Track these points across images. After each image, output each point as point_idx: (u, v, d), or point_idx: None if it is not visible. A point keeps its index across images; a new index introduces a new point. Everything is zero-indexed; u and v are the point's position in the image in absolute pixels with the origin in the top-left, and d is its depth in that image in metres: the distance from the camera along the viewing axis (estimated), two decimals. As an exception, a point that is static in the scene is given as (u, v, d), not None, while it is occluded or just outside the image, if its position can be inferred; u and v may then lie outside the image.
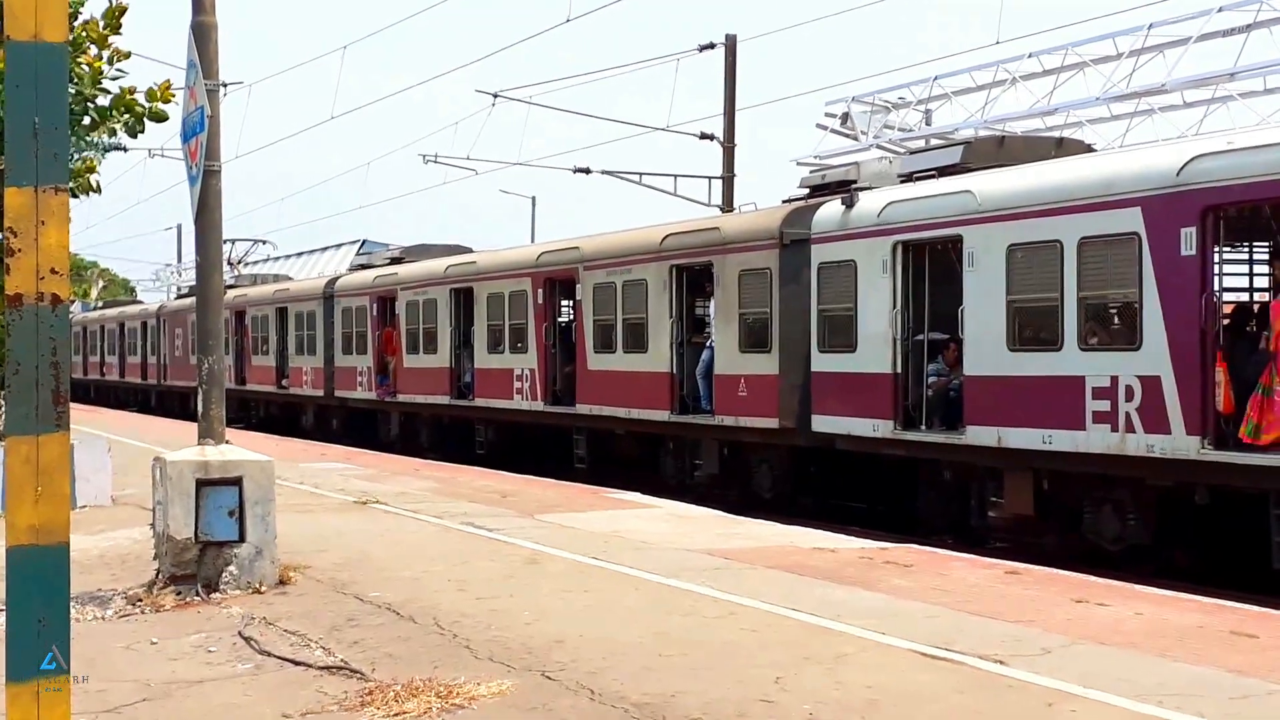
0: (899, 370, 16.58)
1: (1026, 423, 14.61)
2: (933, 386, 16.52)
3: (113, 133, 10.28)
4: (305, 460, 24.17)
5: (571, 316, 24.58)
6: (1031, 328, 14.83)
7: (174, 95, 10.38)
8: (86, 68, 9.70)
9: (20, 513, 3.93)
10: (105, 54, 9.90)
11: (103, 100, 9.95)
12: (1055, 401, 14.23)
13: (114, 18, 9.88)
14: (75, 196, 10.98)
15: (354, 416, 33.54)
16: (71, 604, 4.68)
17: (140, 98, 10.08)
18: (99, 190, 10.67)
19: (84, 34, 9.74)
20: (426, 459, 26.61)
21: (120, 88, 10.01)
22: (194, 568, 11.10)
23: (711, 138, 31.31)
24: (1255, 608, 10.42)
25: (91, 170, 10.53)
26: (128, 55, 10.04)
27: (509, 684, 7.80)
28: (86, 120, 9.94)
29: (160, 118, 10.25)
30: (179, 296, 52.23)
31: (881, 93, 30.92)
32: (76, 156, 10.18)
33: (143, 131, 10.28)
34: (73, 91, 9.49)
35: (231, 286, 40.22)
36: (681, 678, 7.92)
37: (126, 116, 10.04)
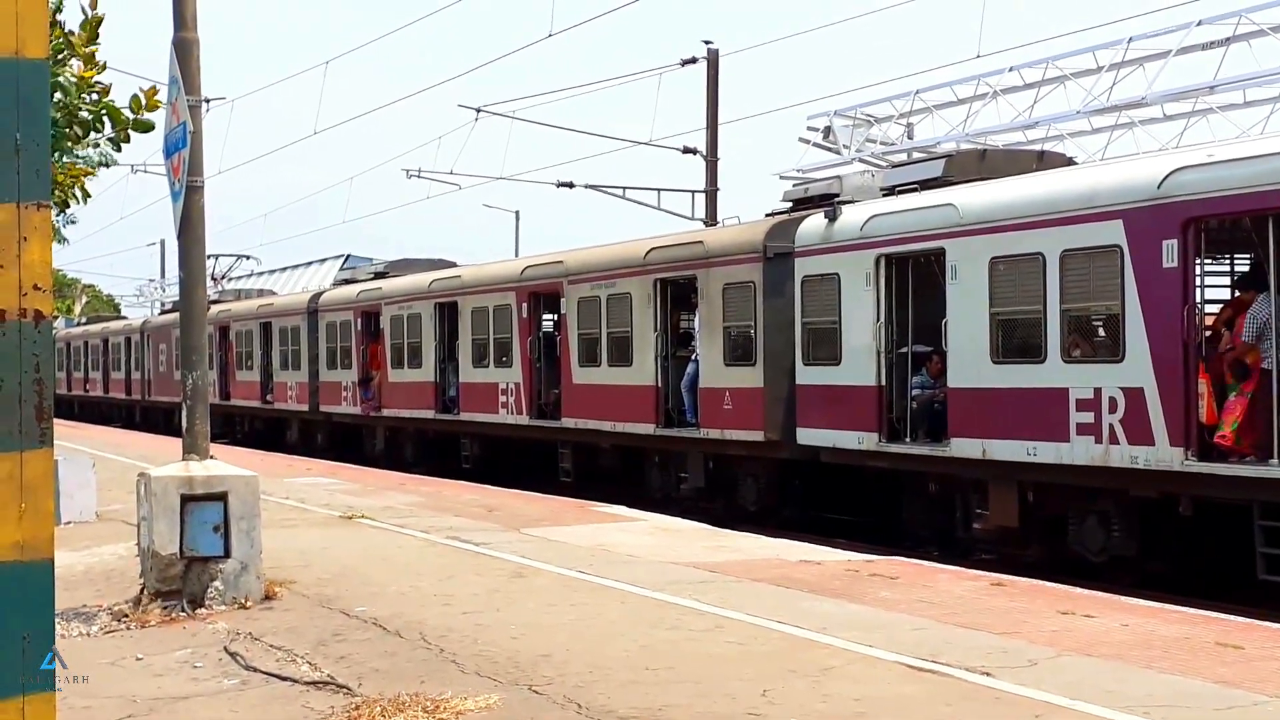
0: (883, 383, 16.61)
1: (1011, 435, 14.64)
2: (917, 399, 16.55)
3: (96, 145, 10.14)
4: (290, 475, 24.10)
5: (556, 330, 24.58)
6: (1015, 340, 14.87)
7: (160, 103, 10.17)
8: (73, 79, 9.55)
9: (4, 529, 3.92)
10: (91, 65, 9.73)
11: (86, 114, 9.76)
12: (1039, 414, 14.27)
13: (92, 29, 9.73)
14: (66, 207, 10.87)
15: (339, 431, 33.49)
16: (56, 620, 4.67)
17: (125, 110, 9.86)
18: (89, 196, 10.49)
19: (65, 47, 9.59)
20: (411, 473, 26.55)
21: (98, 86, 9.76)
22: (179, 583, 11.07)
23: (694, 152, 31.37)
24: (1241, 619, 10.46)
25: (88, 175, 10.39)
26: (103, 67, 9.82)
27: (496, 698, 7.79)
28: (71, 130, 9.79)
29: (146, 128, 10.05)
30: (163, 312, 52.09)
31: (863, 106, 30.95)
32: (63, 160, 10.03)
33: (127, 142, 10.10)
34: (58, 101, 9.36)
35: (215, 302, 40.15)
36: (668, 691, 7.91)
37: (113, 130, 9.85)
